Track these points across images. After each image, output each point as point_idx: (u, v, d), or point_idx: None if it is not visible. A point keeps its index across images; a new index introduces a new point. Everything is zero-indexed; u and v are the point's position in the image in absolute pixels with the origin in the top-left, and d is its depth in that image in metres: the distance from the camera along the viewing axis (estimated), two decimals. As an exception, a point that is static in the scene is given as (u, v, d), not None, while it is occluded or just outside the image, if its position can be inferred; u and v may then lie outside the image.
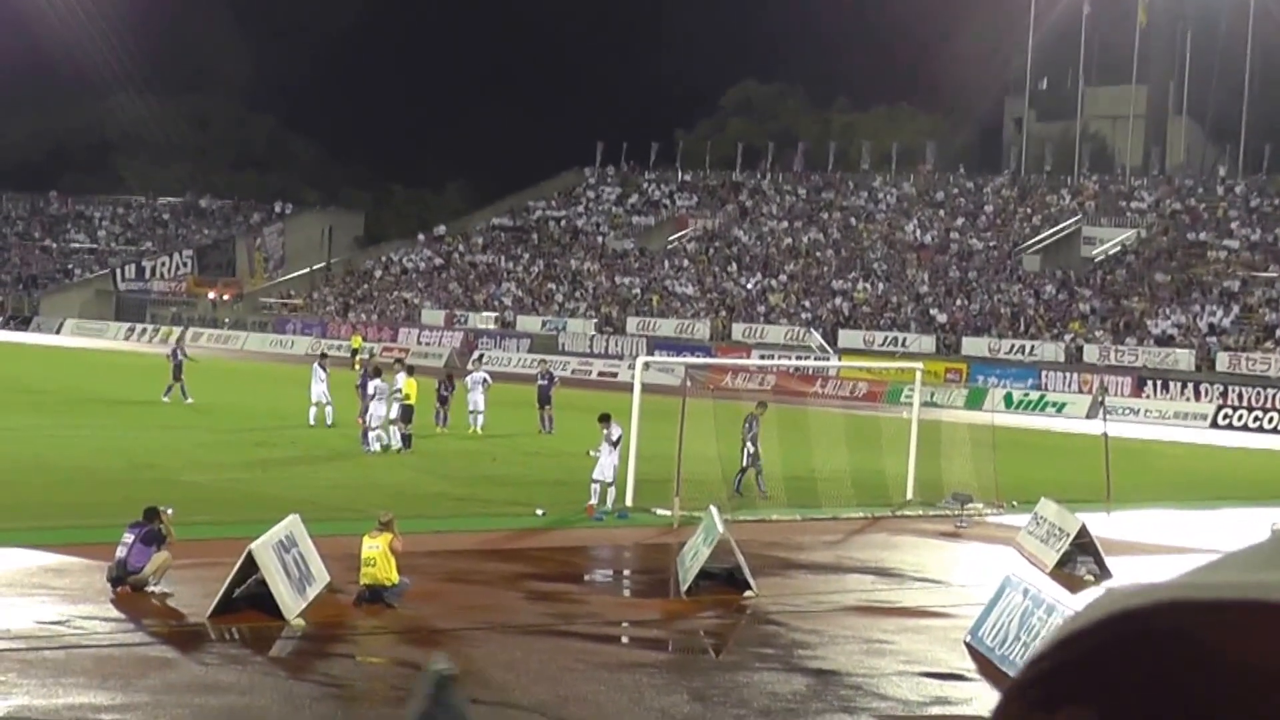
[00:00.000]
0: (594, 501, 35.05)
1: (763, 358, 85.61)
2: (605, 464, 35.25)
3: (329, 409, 49.75)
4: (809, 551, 32.43)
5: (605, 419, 36.02)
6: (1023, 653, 20.93)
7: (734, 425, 39.99)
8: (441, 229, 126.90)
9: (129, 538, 23.96)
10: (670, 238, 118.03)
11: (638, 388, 38.16)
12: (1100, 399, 63.78)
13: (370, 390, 45.78)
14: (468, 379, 53.18)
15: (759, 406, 40.51)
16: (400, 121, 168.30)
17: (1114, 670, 0.70)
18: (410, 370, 48.69)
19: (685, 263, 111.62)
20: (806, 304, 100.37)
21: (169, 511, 24.65)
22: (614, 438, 35.35)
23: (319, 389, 50.23)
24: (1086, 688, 0.70)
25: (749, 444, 38.84)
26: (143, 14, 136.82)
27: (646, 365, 42.95)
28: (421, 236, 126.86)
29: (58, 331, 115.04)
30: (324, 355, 54.20)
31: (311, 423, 49.54)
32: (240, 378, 62.57)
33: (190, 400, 55.58)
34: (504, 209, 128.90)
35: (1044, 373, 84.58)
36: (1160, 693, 0.68)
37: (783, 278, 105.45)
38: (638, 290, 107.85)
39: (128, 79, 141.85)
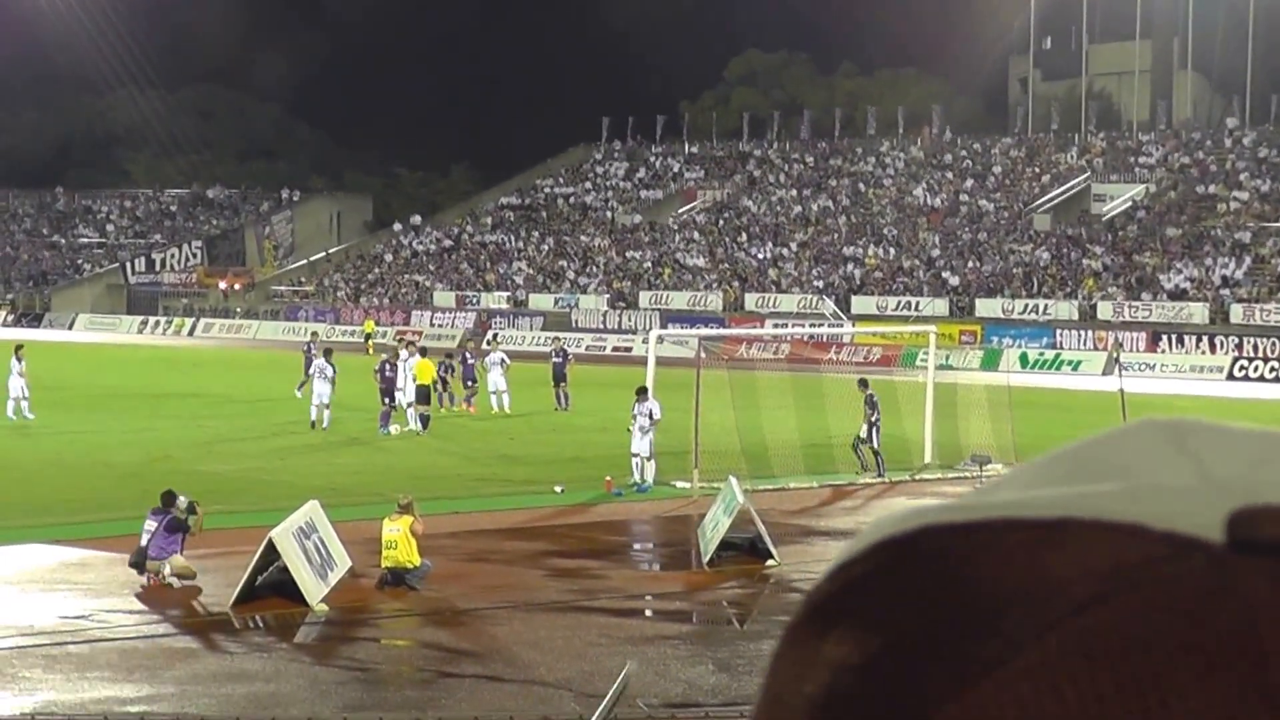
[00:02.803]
0: (636, 478, 35.07)
1: (776, 327, 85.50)
2: (641, 438, 35.23)
3: (327, 412, 46.17)
4: (829, 518, 32.40)
5: (642, 392, 36.02)
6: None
7: (750, 395, 39.94)
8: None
9: (151, 525, 23.98)
10: (679, 210, 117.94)
11: (652, 361, 38.16)
12: (1115, 355, 63.68)
13: (311, 370, 46.84)
14: (485, 360, 53.26)
15: (861, 386, 39.71)
16: (404, 105, 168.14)
17: (875, 599, 0.71)
18: (423, 352, 48.94)
19: (695, 235, 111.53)
20: (818, 272, 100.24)
21: (182, 500, 24.60)
22: (655, 415, 35.26)
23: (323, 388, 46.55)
24: (849, 617, 0.71)
25: (871, 424, 38.19)
26: (144, 7, 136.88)
27: (660, 338, 42.94)
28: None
29: (70, 327, 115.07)
30: (329, 351, 49.16)
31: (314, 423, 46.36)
32: (254, 366, 62.54)
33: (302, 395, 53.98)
34: (512, 188, 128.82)
35: (1058, 331, 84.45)
36: (914, 618, 0.69)
37: (793, 246, 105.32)
38: (649, 264, 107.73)
39: (130, 72, 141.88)
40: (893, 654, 0.69)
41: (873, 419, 38.10)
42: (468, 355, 53.76)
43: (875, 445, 38.00)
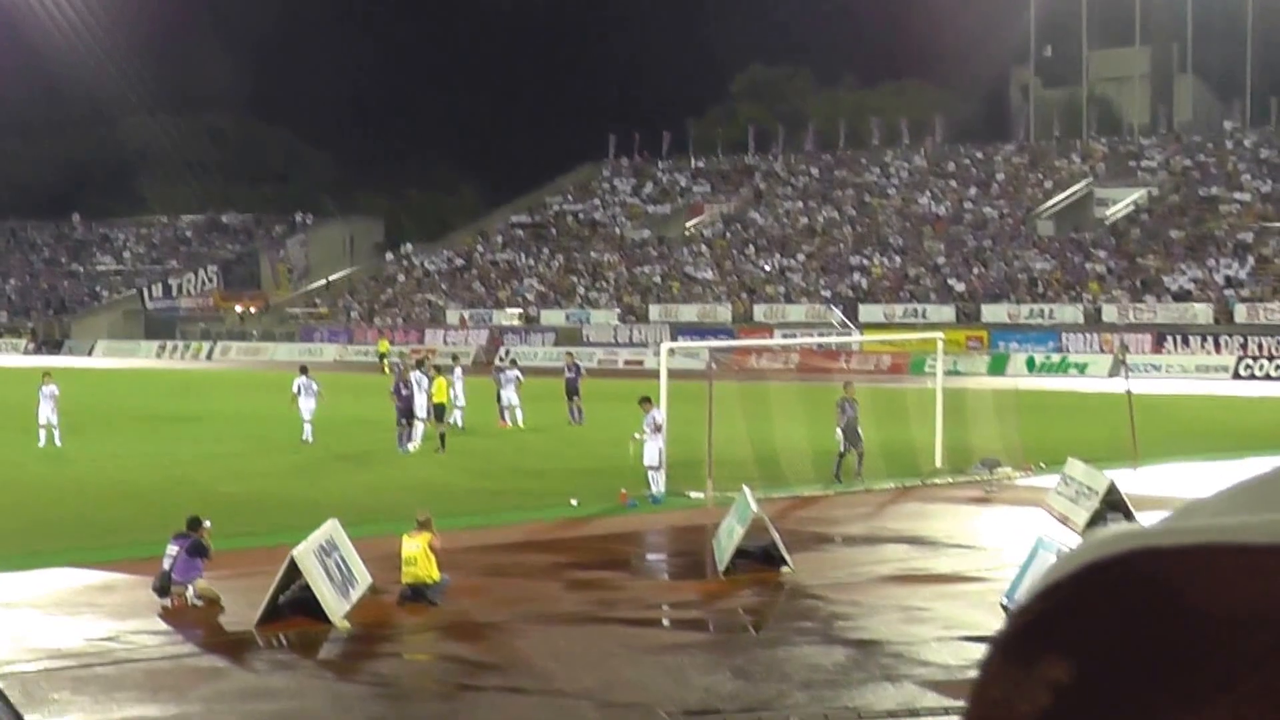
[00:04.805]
0: (656, 489, 35.30)
1: (785, 337, 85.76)
2: (650, 448, 35.44)
3: (309, 427, 47.95)
4: (843, 525, 32.59)
5: (646, 401, 36.24)
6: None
7: (762, 405, 40.18)
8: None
9: (174, 549, 24.23)
10: (688, 224, 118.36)
11: (664, 374, 38.34)
12: (1121, 357, 63.98)
13: (294, 388, 48.54)
14: (500, 376, 53.72)
15: (847, 387, 40.00)
16: (413, 126, 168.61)
17: (1089, 620, 0.70)
18: (438, 369, 49.47)
19: (703, 248, 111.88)
20: (825, 282, 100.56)
21: (207, 524, 24.94)
22: (658, 422, 35.50)
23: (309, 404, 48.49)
24: (1064, 639, 0.71)
25: (841, 429, 38.29)
26: (153, 34, 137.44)
27: (671, 351, 43.18)
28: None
29: (89, 354, 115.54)
30: (305, 369, 51.74)
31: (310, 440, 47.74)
32: (270, 387, 62.83)
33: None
34: (522, 206, 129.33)
35: (1064, 335, 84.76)
36: (1133, 641, 0.68)
37: (800, 257, 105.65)
38: (658, 278, 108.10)
39: (142, 100, 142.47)
40: (1114, 675, 0.68)
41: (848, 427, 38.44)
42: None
43: (860, 450, 38.35)
